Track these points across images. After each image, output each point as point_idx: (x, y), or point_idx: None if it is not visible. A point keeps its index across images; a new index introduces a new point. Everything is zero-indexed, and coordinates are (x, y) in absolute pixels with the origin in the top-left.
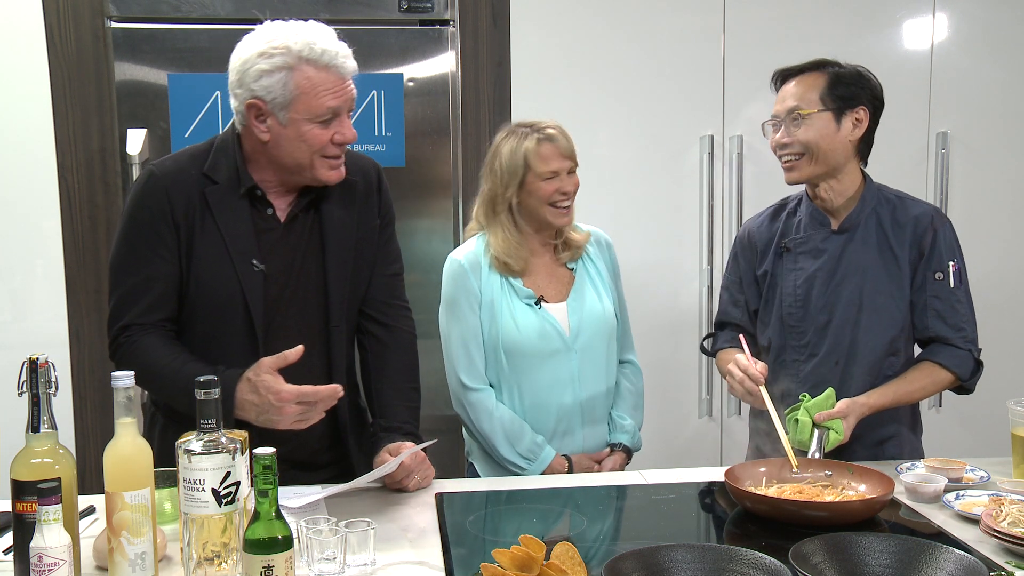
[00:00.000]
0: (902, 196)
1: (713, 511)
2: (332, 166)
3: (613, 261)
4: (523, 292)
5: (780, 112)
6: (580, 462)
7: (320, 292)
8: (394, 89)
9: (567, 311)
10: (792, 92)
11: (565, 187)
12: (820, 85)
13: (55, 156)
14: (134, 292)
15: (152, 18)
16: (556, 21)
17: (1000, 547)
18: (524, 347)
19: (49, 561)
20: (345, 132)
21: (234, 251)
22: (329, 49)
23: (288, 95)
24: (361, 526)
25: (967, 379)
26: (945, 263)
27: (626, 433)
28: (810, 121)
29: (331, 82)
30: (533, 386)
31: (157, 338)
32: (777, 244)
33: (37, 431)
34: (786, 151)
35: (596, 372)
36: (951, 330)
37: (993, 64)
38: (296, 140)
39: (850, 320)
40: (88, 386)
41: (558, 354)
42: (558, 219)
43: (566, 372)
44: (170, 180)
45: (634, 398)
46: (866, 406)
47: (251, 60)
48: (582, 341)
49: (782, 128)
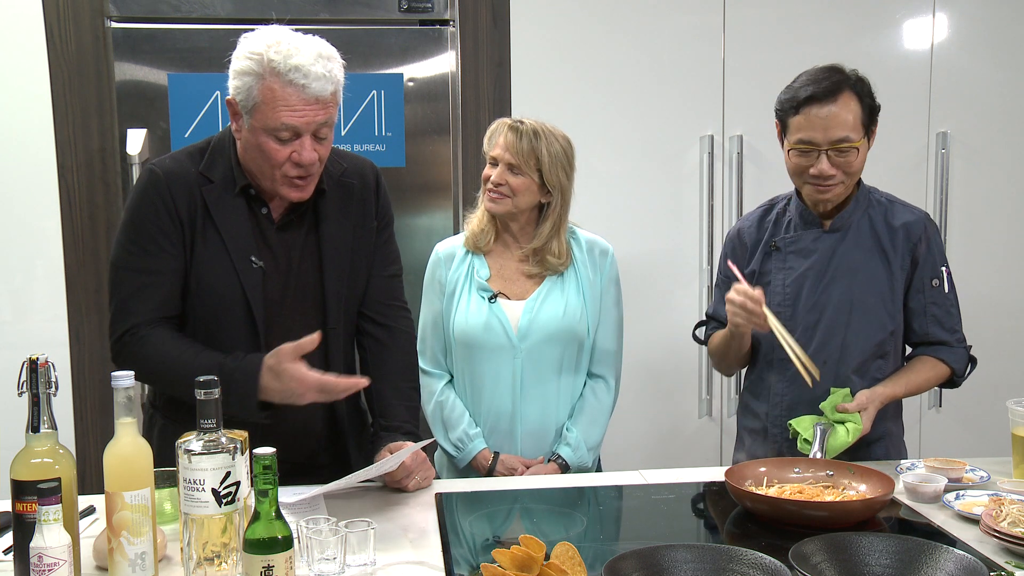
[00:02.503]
0: (892, 199)
1: (713, 511)
2: (293, 185)
3: (608, 273)
4: (481, 285)
5: (821, 141)
6: (507, 461)
7: (317, 293)
8: (394, 89)
9: (522, 310)
10: (835, 120)
11: (494, 176)
12: (857, 110)
13: (55, 156)
14: (141, 289)
15: (152, 18)
16: (556, 21)
17: (1000, 547)
18: (469, 338)
19: (49, 561)
20: (303, 154)
21: (233, 248)
22: (302, 67)
23: (251, 102)
24: (361, 526)
25: (961, 374)
26: (939, 269)
27: (568, 446)
28: (860, 151)
29: (293, 100)
30: (477, 379)
31: (166, 331)
32: (766, 243)
33: (37, 431)
34: (830, 181)
35: (543, 378)
36: (948, 333)
37: (993, 64)
38: (256, 149)
39: (840, 321)
40: (88, 386)
41: (502, 351)
42: (487, 203)
43: (508, 372)
44: (171, 178)
45: (593, 414)
46: (884, 395)
47: (236, 58)
48: (530, 342)
49: (822, 157)
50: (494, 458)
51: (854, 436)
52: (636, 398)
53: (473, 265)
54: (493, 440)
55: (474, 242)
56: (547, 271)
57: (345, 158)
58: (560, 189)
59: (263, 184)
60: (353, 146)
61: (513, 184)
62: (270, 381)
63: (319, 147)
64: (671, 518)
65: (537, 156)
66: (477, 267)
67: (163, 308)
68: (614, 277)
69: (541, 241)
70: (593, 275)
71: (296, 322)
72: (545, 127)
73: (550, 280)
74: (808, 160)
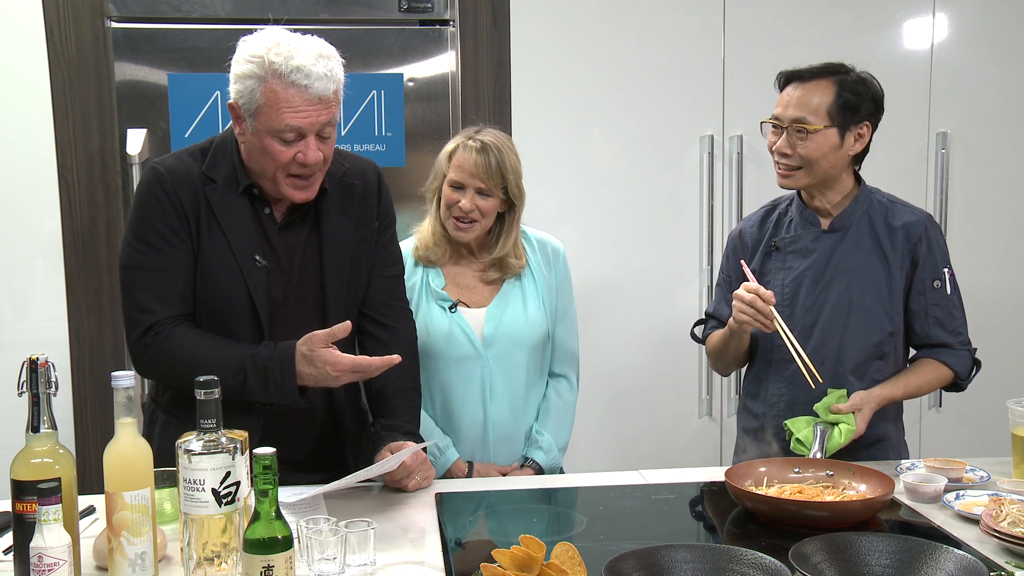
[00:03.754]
0: (893, 200)
1: (713, 511)
2: (297, 185)
3: (562, 272)
4: (439, 295)
5: (783, 118)
6: (482, 470)
7: (318, 293)
8: (394, 89)
9: (484, 317)
10: (799, 100)
11: (464, 204)
12: (828, 98)
13: (55, 156)
14: (156, 288)
15: (152, 18)
16: (556, 21)
17: (1000, 547)
18: (432, 349)
19: (49, 561)
20: (307, 154)
21: (237, 247)
22: (303, 67)
23: (254, 105)
24: (361, 526)
25: (965, 377)
26: (940, 270)
27: (540, 450)
28: (815, 137)
29: (296, 101)
30: (443, 391)
31: (188, 328)
32: (767, 243)
33: (37, 431)
34: (785, 160)
35: (512, 383)
36: (950, 335)
37: (993, 64)
38: (260, 151)
39: (838, 321)
40: (88, 386)
41: (468, 360)
42: (454, 231)
43: (476, 380)
44: (175, 176)
45: (560, 414)
46: (880, 397)
47: (237, 62)
48: (497, 350)
49: (783, 135)
50: (469, 467)
51: (847, 437)
52: (636, 398)
53: (427, 274)
54: (465, 448)
55: (426, 256)
56: (506, 274)
57: (347, 158)
58: (521, 197)
59: (267, 186)
60: (353, 146)
61: (483, 208)
62: (304, 367)
63: (323, 146)
64: (671, 518)
65: (503, 174)
66: (431, 276)
67: (180, 304)
68: (567, 274)
69: (504, 251)
70: (548, 274)
71: (298, 320)
72: (500, 137)
73: (508, 284)
74: (775, 138)
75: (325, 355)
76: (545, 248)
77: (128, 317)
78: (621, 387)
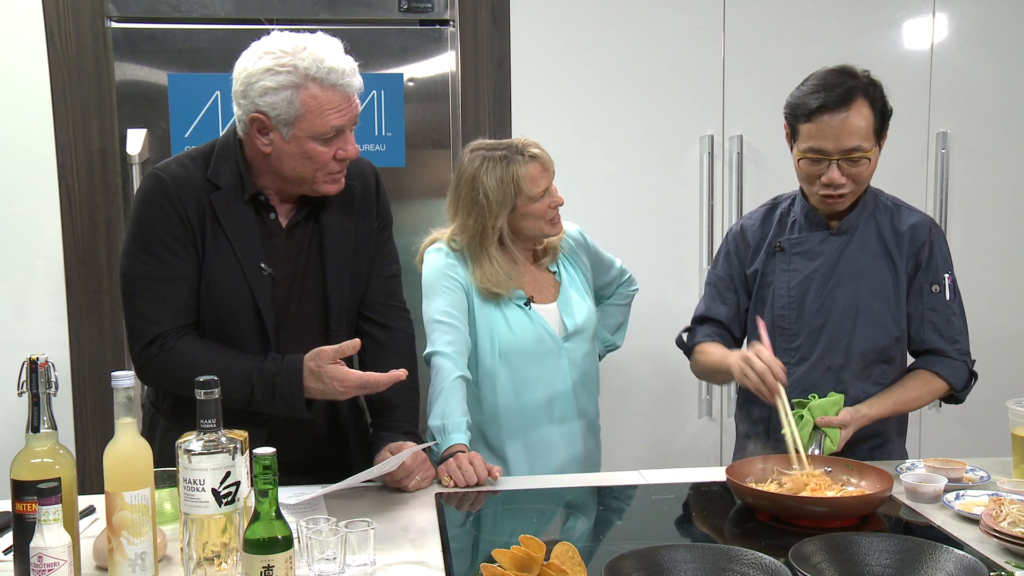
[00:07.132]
0: (898, 203)
1: (713, 511)
2: (334, 180)
3: (591, 247)
4: (514, 293)
5: (832, 150)
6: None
7: (320, 296)
8: (394, 89)
9: (558, 313)
10: (849, 129)
11: (557, 200)
12: (868, 117)
13: (55, 156)
14: (160, 298)
15: (152, 18)
16: (556, 21)
17: (1000, 547)
18: (517, 349)
19: (49, 561)
20: (348, 148)
21: (242, 255)
22: (336, 67)
23: (293, 113)
24: (361, 526)
25: (961, 389)
26: (941, 276)
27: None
28: (869, 160)
29: (337, 101)
30: (522, 382)
31: (193, 339)
32: (770, 243)
33: (37, 431)
34: (840, 190)
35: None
36: (946, 342)
37: (993, 64)
38: (299, 156)
39: (846, 325)
40: (88, 386)
41: (549, 356)
42: (555, 230)
43: (553, 373)
44: (179, 183)
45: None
46: (867, 417)
47: (257, 75)
48: (571, 343)
49: (833, 166)
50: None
51: (826, 452)
52: (636, 398)
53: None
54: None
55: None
56: (553, 256)
57: None
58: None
59: (301, 188)
60: None
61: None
62: (312, 382)
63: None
64: (671, 518)
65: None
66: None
67: (184, 315)
68: (593, 245)
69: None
70: (578, 259)
71: (301, 325)
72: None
73: (561, 279)
74: (819, 168)
75: (333, 371)
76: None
77: (131, 327)
78: (621, 387)
